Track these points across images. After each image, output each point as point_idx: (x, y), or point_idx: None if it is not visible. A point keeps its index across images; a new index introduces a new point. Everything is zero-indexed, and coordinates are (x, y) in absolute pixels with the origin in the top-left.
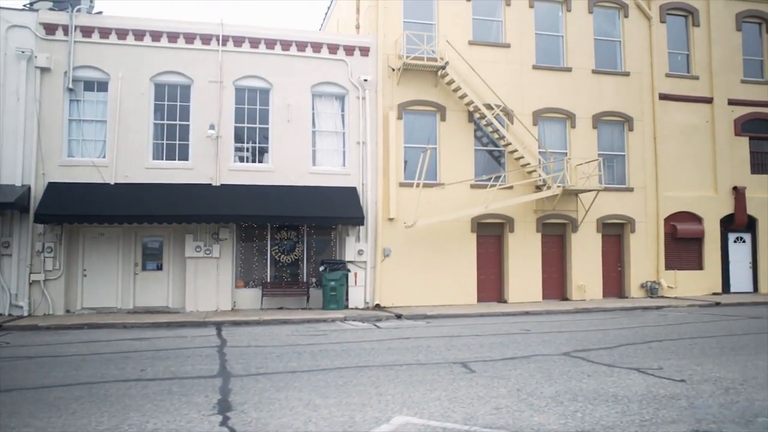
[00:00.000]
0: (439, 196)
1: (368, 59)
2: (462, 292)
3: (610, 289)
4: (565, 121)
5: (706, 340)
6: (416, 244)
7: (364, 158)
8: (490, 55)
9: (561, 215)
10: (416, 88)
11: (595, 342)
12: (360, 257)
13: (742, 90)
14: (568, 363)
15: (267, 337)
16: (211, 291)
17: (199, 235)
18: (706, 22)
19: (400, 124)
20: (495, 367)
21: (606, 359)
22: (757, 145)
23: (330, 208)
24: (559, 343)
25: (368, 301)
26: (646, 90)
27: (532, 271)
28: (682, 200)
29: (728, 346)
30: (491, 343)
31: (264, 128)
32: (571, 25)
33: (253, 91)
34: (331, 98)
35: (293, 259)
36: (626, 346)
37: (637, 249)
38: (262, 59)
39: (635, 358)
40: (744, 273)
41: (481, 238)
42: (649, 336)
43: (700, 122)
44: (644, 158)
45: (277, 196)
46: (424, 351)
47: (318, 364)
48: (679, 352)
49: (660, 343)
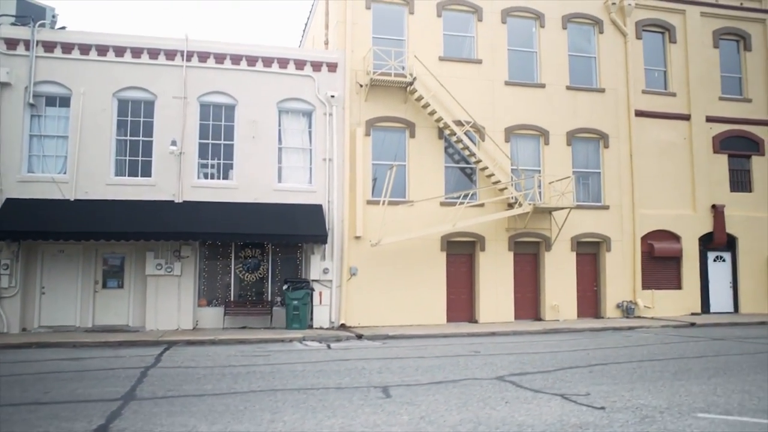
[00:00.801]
0: (407, 214)
1: (336, 75)
2: (431, 312)
3: (586, 309)
4: (539, 137)
5: (654, 363)
6: (384, 262)
7: (331, 175)
8: (462, 71)
9: (534, 233)
10: (385, 104)
11: (539, 365)
12: (325, 276)
13: (720, 107)
14: (495, 388)
15: (206, 358)
16: (172, 310)
17: (161, 252)
18: (683, 38)
19: (368, 141)
20: (415, 393)
21: (537, 384)
22: (737, 163)
23: (294, 225)
24: (501, 366)
25: (333, 321)
26: (622, 106)
27: (504, 291)
28: (659, 218)
29: (672, 369)
30: (429, 366)
31: (229, 144)
32: (544, 41)
33: (218, 107)
34: (298, 114)
35: (258, 278)
36: (568, 370)
37: (612, 268)
38: (227, 75)
39: (569, 382)
40: (724, 293)
41: (452, 257)
42: (597, 359)
43: (678, 139)
44: (620, 176)
45: (241, 214)
46: (355, 373)
47: (234, 386)
48: (617, 377)
49: (604, 367)
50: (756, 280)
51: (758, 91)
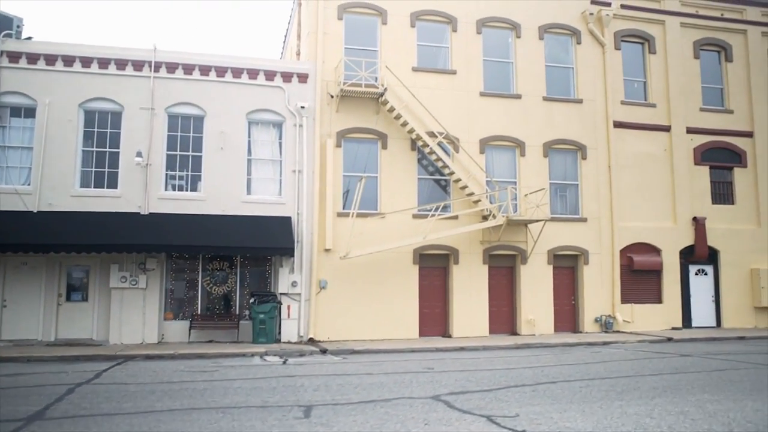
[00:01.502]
0: (379, 227)
1: (307, 86)
2: (403, 326)
3: (564, 323)
4: (515, 149)
5: (606, 381)
6: (355, 275)
7: (300, 187)
8: (436, 81)
9: (510, 246)
10: (357, 115)
11: (486, 383)
12: (294, 289)
13: (701, 118)
14: (424, 408)
15: (150, 374)
16: (136, 323)
17: (126, 265)
18: (662, 49)
19: (339, 152)
20: (337, 413)
21: (470, 404)
22: (719, 175)
23: (261, 238)
24: (445, 383)
25: (302, 335)
26: (600, 118)
27: (478, 305)
28: (639, 231)
29: (621, 388)
30: (372, 383)
31: (197, 156)
32: (521, 52)
33: (187, 118)
34: (268, 126)
35: (226, 291)
36: (512, 388)
37: (591, 281)
38: (196, 86)
39: (505, 402)
40: (706, 307)
41: (425, 270)
42: (550, 376)
43: (658, 151)
44: (598, 188)
45: (208, 226)
46: (289, 391)
47: (155, 405)
48: (559, 396)
49: (551, 386)
50: (738, 293)
51: (740, 102)
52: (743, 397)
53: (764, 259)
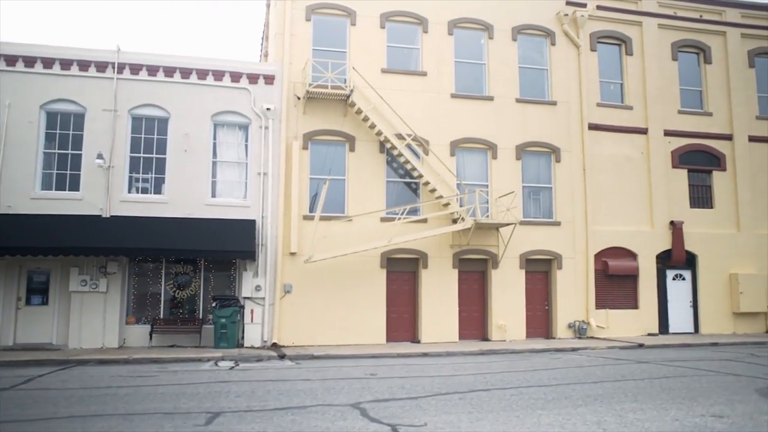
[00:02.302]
0: (346, 230)
1: (273, 88)
2: (370, 331)
3: (536, 329)
4: (486, 151)
5: (542, 389)
6: (321, 280)
7: (266, 190)
8: (406, 83)
9: (481, 250)
10: (324, 117)
11: (419, 390)
12: (258, 293)
13: (679, 121)
14: (336, 416)
15: (86, 379)
16: (97, 327)
17: (86, 268)
18: (639, 51)
19: (306, 155)
20: (243, 420)
21: (387, 412)
22: (697, 178)
23: (224, 241)
24: (376, 390)
25: (266, 340)
26: (575, 120)
27: (448, 310)
28: (614, 235)
29: (553, 396)
30: (301, 390)
31: (161, 158)
32: (493, 53)
33: (151, 119)
34: (234, 128)
35: (189, 295)
36: (440, 396)
37: (564, 286)
38: (160, 87)
39: (422, 411)
40: (684, 312)
41: (394, 274)
42: (488, 383)
43: (635, 153)
44: (573, 191)
45: (171, 229)
46: (211, 397)
47: (59, 411)
48: (482, 405)
49: (482, 393)
50: (717, 299)
51: (719, 105)
52: (671, 405)
53: (743, 264)
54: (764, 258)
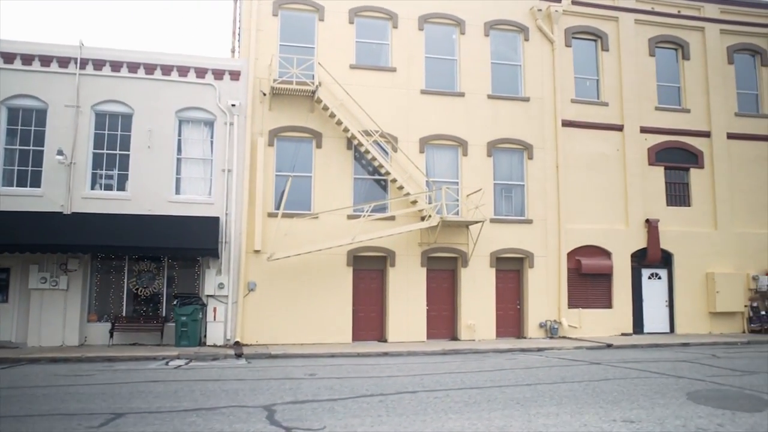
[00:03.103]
0: (312, 227)
1: (239, 84)
2: (336, 330)
3: (508, 328)
4: (457, 148)
5: (473, 391)
6: (286, 278)
7: (230, 187)
8: (375, 79)
9: (450, 249)
10: (290, 113)
11: (344, 391)
12: (221, 291)
13: (656, 117)
14: (239, 418)
15: (20, 379)
16: (57, 325)
17: (46, 265)
18: (616, 46)
19: (271, 151)
20: (142, 421)
21: (293, 414)
22: (674, 176)
23: (186, 238)
24: (301, 391)
25: (229, 338)
26: (549, 116)
27: (416, 309)
28: (588, 233)
29: (475, 400)
30: (225, 390)
31: (125, 155)
32: (465, 49)
33: (115, 116)
34: (199, 124)
35: (152, 293)
36: (362, 398)
37: (536, 285)
38: (124, 83)
39: (331, 413)
40: (660, 312)
41: (361, 273)
42: (421, 385)
43: (610, 151)
44: (545, 188)
45: (133, 226)
46: (128, 398)
47: None
48: (396, 408)
49: (407, 395)
50: (693, 298)
51: (697, 102)
52: (590, 410)
53: (720, 263)
54: (742, 257)
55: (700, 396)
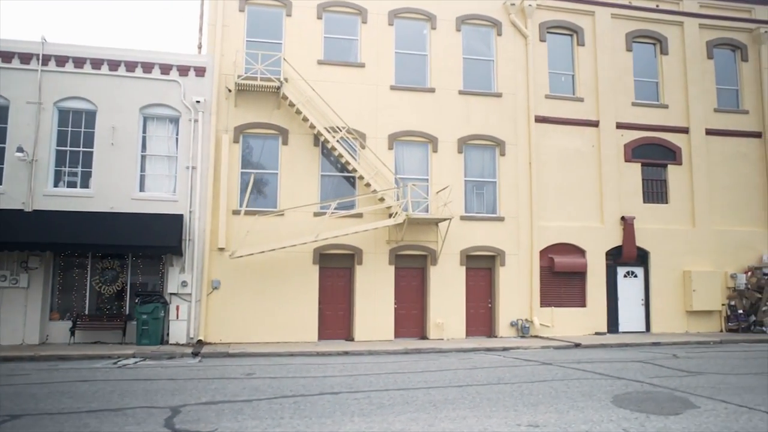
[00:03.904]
0: (277, 225)
1: (204, 80)
2: (301, 328)
3: (479, 327)
4: (427, 145)
5: (397, 392)
6: (251, 276)
7: (194, 184)
8: (343, 75)
9: (419, 246)
10: (257, 110)
11: (267, 392)
12: (184, 289)
13: (633, 113)
14: (137, 420)
15: None
16: (17, 323)
17: (7, 263)
18: (592, 41)
19: (236, 148)
20: (37, 424)
21: (198, 416)
22: (651, 173)
23: (148, 236)
24: (220, 392)
25: (192, 337)
26: (522, 112)
27: (383, 307)
28: (562, 231)
29: (395, 402)
30: (148, 390)
31: (89, 152)
32: (436, 44)
33: (78, 112)
34: (164, 121)
35: (116, 291)
36: (278, 399)
37: (507, 284)
38: (87, 79)
39: (232, 416)
40: (636, 310)
41: (328, 271)
42: (346, 387)
43: (585, 147)
44: (518, 185)
45: (96, 224)
46: (35, 399)
47: None
48: (300, 410)
49: (328, 396)
50: (670, 297)
51: (675, 97)
52: (502, 413)
53: (698, 261)
54: (721, 255)
55: (626, 399)
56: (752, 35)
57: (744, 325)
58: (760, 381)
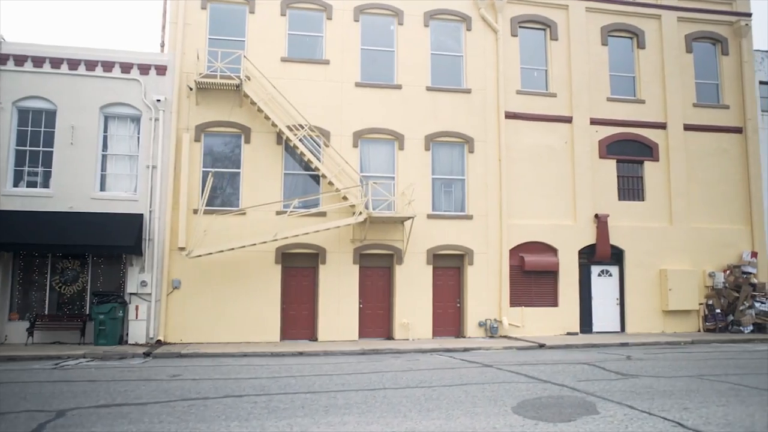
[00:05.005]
0: (239, 224)
1: (165, 78)
2: (263, 328)
3: (446, 327)
4: (393, 142)
5: (299, 395)
6: (212, 275)
7: (155, 183)
8: (307, 72)
9: (385, 245)
10: (219, 108)
11: (170, 395)
12: (143, 289)
13: (608, 109)
14: (11, 425)
15: None
16: None
17: None
18: (565, 35)
19: (198, 147)
20: None
21: (74, 420)
22: (627, 169)
23: (108, 236)
24: (122, 395)
25: (152, 337)
26: (491, 108)
27: (348, 307)
28: (533, 229)
29: (291, 406)
30: (51, 392)
31: (49, 152)
32: (403, 40)
33: (38, 112)
34: (125, 120)
35: (76, 290)
36: (171, 402)
37: (475, 283)
38: (47, 79)
39: (109, 420)
40: (611, 310)
41: (292, 270)
42: (253, 390)
43: (558, 143)
44: (487, 183)
45: (56, 223)
46: None
47: None
48: (188, 414)
49: (228, 400)
50: (645, 296)
51: (653, 92)
52: (390, 419)
53: (675, 260)
54: (699, 253)
55: (530, 404)
56: (733, 28)
57: (722, 325)
58: (690, 384)
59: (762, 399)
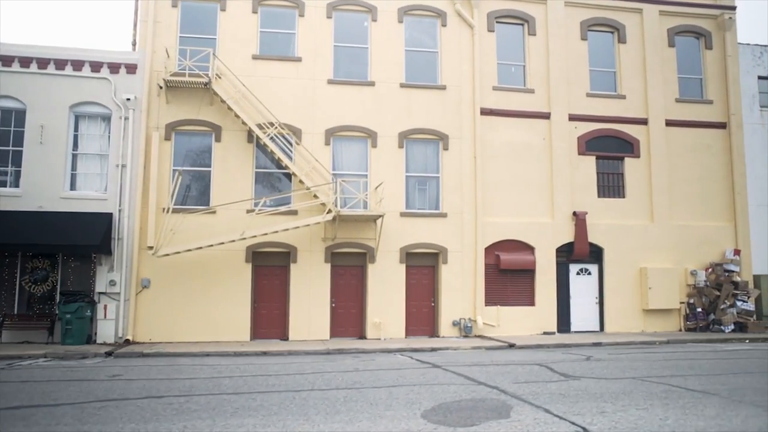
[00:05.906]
0: (210, 223)
1: (135, 77)
2: (234, 328)
3: (420, 326)
4: (366, 139)
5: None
6: (182, 275)
7: (124, 182)
8: (279, 70)
9: (357, 244)
10: (189, 107)
11: (96, 395)
12: (112, 288)
13: (588, 104)
14: None
15: None
16: None
17: None
18: (544, 30)
19: (168, 146)
20: None
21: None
22: (607, 166)
23: (77, 235)
24: (45, 396)
25: (121, 336)
26: (467, 105)
27: (319, 306)
28: (509, 227)
29: (198, 408)
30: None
31: (18, 151)
32: (377, 36)
33: (8, 111)
34: (96, 119)
35: (46, 290)
36: (85, 404)
37: (450, 282)
38: (16, 78)
39: (14, 423)
40: (590, 309)
41: (263, 269)
42: (184, 390)
43: (536, 140)
44: (461, 180)
45: (25, 223)
46: None
47: None
48: (98, 417)
49: (153, 400)
50: (625, 295)
51: (634, 87)
52: (274, 422)
53: (656, 258)
54: (680, 251)
55: (444, 408)
56: (717, 22)
57: (703, 324)
58: (627, 386)
59: (686, 402)
